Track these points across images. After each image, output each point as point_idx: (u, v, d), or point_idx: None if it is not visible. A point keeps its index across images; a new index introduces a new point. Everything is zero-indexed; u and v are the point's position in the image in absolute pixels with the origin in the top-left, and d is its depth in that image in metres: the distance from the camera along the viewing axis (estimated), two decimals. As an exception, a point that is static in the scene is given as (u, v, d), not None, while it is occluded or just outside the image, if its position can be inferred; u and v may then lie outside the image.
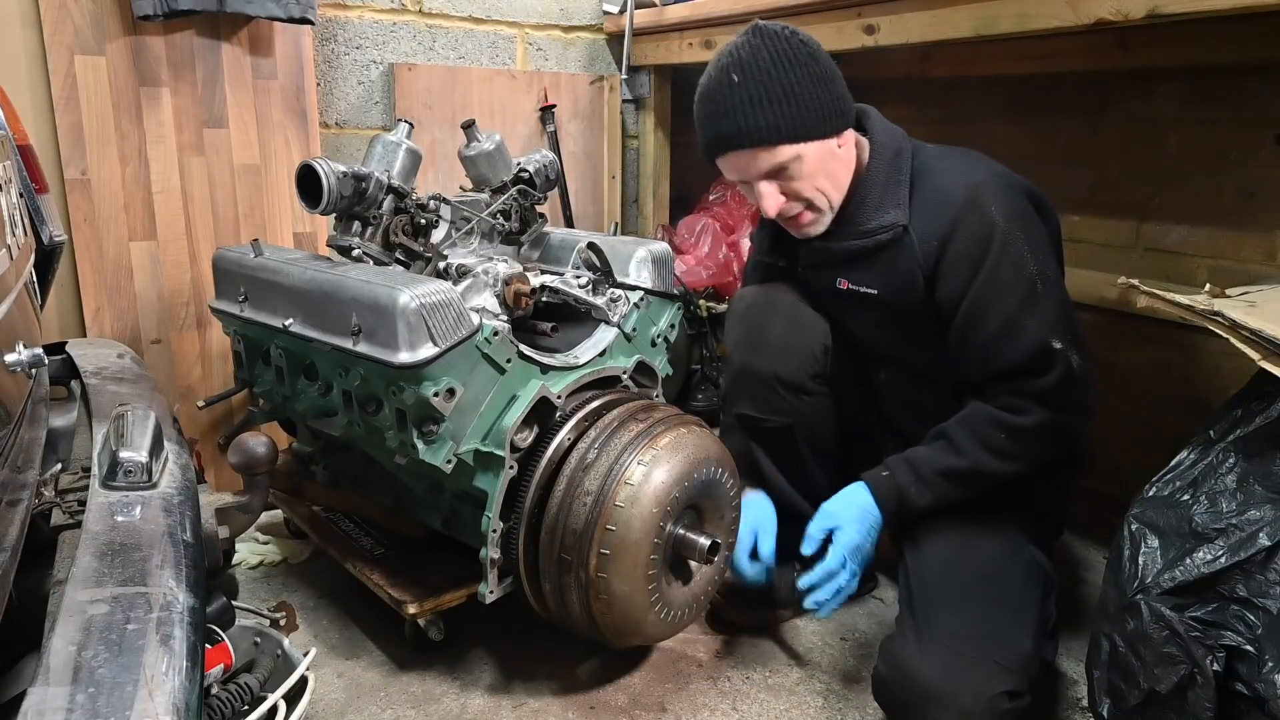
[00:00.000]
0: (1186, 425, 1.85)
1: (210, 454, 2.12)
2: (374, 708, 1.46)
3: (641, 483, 1.34)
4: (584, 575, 1.34)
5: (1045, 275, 1.34)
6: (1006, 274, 1.34)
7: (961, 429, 1.41)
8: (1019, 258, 1.33)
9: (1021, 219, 1.36)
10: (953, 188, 1.38)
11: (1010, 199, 1.37)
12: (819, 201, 1.43)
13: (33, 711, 0.61)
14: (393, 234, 1.55)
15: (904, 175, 1.43)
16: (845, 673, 1.57)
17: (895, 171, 1.43)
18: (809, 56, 1.36)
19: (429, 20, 2.36)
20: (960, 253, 1.36)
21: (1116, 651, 1.11)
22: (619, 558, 1.33)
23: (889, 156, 1.44)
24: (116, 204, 1.95)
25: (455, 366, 1.35)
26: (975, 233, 1.35)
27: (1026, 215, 1.37)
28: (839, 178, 1.43)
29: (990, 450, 1.38)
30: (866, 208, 1.43)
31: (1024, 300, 1.33)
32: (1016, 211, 1.36)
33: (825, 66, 1.38)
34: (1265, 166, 1.77)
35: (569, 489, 1.37)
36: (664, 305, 1.69)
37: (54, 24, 1.84)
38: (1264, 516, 1.02)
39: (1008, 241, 1.33)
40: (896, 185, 1.42)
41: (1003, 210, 1.35)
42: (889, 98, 2.59)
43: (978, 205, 1.35)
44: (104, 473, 0.93)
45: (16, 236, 1.15)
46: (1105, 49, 1.87)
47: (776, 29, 1.37)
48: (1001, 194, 1.37)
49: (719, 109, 1.37)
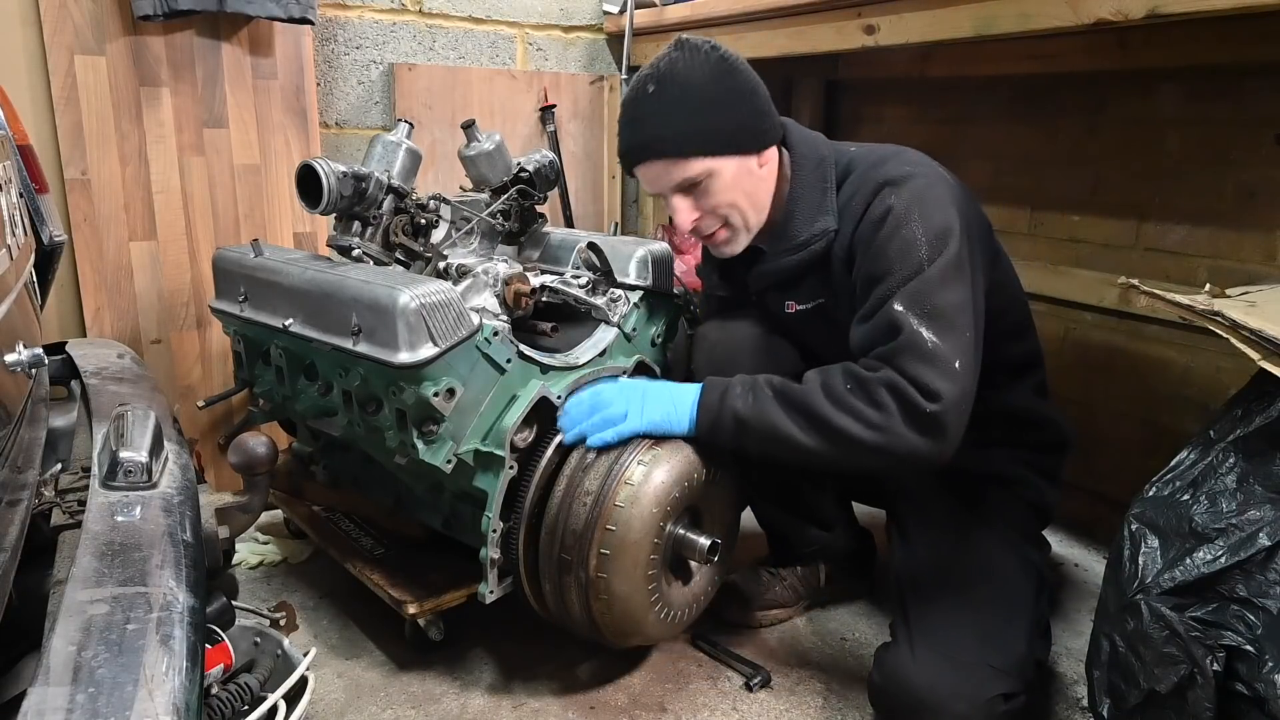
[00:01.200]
0: (1186, 425, 1.87)
1: (210, 454, 2.12)
2: (374, 708, 1.46)
3: (641, 482, 1.34)
4: (584, 575, 1.34)
5: (934, 262, 1.27)
6: (893, 252, 1.29)
7: (816, 370, 1.34)
8: (910, 239, 1.29)
9: (924, 206, 1.31)
10: (867, 186, 1.37)
11: (919, 188, 1.32)
12: (734, 219, 1.41)
13: (33, 711, 0.61)
14: (393, 234, 1.55)
15: (829, 183, 1.42)
16: (845, 673, 1.57)
17: (820, 180, 1.42)
18: (726, 72, 1.35)
19: (429, 20, 2.36)
20: (861, 237, 1.35)
21: (1116, 651, 1.11)
22: (619, 558, 1.33)
23: (812, 167, 1.43)
24: (116, 204, 1.95)
25: (455, 366, 1.35)
26: (875, 218, 1.33)
27: (930, 204, 1.31)
28: (757, 197, 1.41)
29: (827, 390, 1.29)
30: (797, 221, 1.42)
31: (901, 279, 1.28)
32: (922, 198, 1.31)
33: (744, 83, 1.36)
34: (1265, 166, 1.77)
35: (569, 489, 1.37)
36: (664, 305, 1.69)
37: (54, 24, 1.84)
38: (1264, 516, 1.02)
39: (901, 224, 1.30)
40: (823, 193, 1.41)
41: (904, 197, 1.31)
42: (889, 98, 2.61)
43: (881, 194, 1.33)
44: (104, 473, 0.93)
45: (16, 236, 1.15)
46: (1105, 49, 1.87)
47: (699, 43, 1.37)
48: (910, 183, 1.33)
49: (632, 117, 1.38)
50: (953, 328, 1.26)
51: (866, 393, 1.26)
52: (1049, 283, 2.10)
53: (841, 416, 1.26)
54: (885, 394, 1.24)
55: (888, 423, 1.24)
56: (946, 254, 1.28)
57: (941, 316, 1.25)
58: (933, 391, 1.22)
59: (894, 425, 1.23)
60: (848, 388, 1.27)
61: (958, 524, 1.46)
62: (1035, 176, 2.19)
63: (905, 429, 1.23)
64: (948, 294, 1.27)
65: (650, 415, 1.37)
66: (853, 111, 2.73)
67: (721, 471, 1.45)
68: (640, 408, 1.38)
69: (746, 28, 2.15)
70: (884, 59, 2.43)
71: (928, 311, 1.25)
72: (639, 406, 1.38)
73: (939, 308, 1.26)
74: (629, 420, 1.37)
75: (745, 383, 1.36)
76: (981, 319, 1.32)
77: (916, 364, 1.23)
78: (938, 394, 1.22)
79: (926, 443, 1.23)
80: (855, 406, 1.26)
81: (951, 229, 1.29)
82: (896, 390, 1.23)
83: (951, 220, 1.30)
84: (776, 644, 1.66)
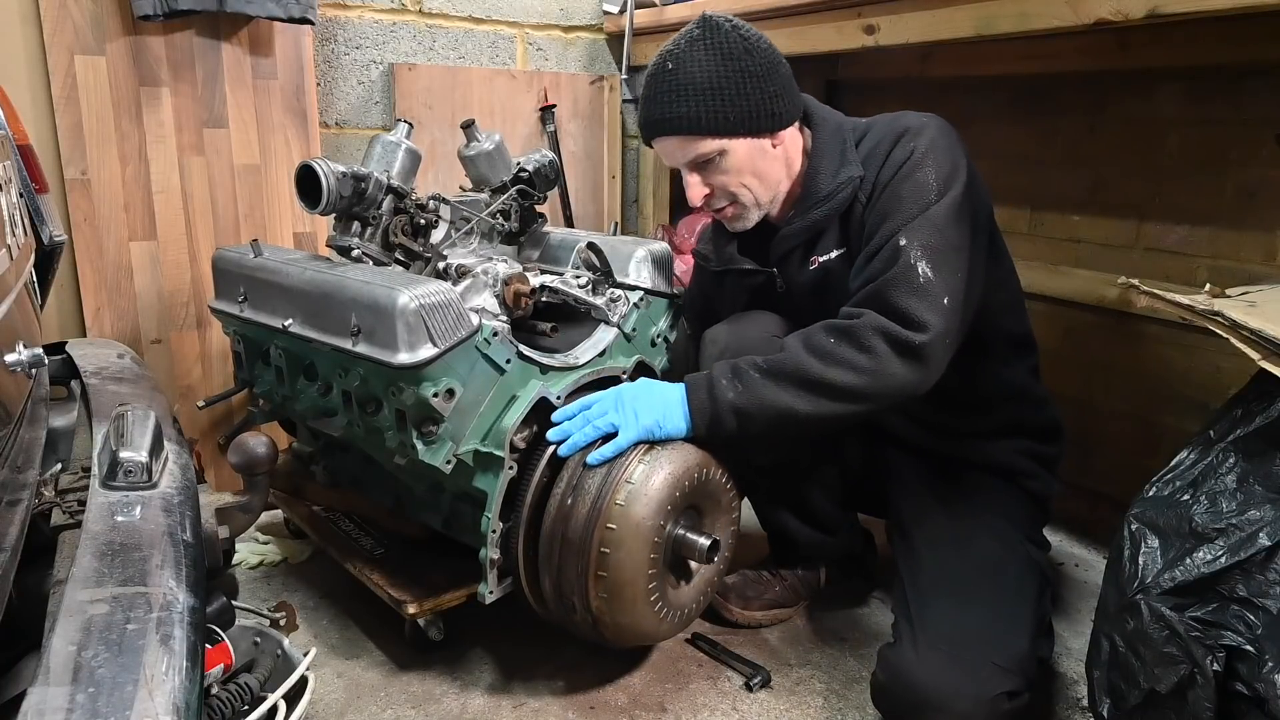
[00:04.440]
0: (1186, 425, 1.86)
1: (210, 454, 2.12)
2: (374, 708, 1.46)
3: (642, 482, 1.34)
4: (584, 564, 1.34)
5: (940, 201, 1.33)
6: (906, 193, 1.34)
7: (794, 334, 1.37)
8: (923, 183, 1.34)
9: (938, 152, 1.36)
10: (888, 134, 1.41)
11: (935, 135, 1.38)
12: (744, 198, 1.45)
13: (33, 711, 0.61)
14: (392, 234, 1.55)
15: (848, 141, 1.45)
16: (845, 673, 1.57)
17: (839, 141, 1.45)
18: (744, 52, 1.36)
19: (429, 20, 2.36)
20: (883, 180, 1.38)
21: (1116, 651, 1.11)
22: (621, 547, 1.33)
23: (831, 130, 1.47)
24: (116, 204, 1.95)
25: (455, 367, 1.35)
26: (896, 160, 1.37)
27: (943, 151, 1.36)
28: (769, 176, 1.44)
29: (811, 349, 1.31)
30: (822, 176, 1.44)
31: (910, 216, 1.33)
32: (936, 145, 1.36)
33: (763, 64, 1.37)
34: (1265, 166, 1.76)
35: (569, 489, 1.37)
36: (664, 305, 1.69)
37: (54, 24, 1.84)
38: (1264, 516, 1.02)
39: (917, 166, 1.35)
40: (842, 149, 1.44)
41: (923, 143, 1.36)
42: (889, 98, 2.60)
43: (903, 139, 1.38)
44: (104, 473, 0.93)
45: (16, 236, 1.15)
46: (1105, 49, 1.87)
47: (720, 21, 1.38)
48: (927, 131, 1.38)
49: (651, 94, 1.41)
50: (947, 265, 1.31)
51: (852, 339, 1.30)
52: (1049, 283, 2.10)
53: (832, 370, 1.30)
54: (872, 336, 1.29)
55: (877, 364, 1.28)
56: (952, 194, 1.33)
57: (938, 253, 1.30)
58: (919, 322, 1.28)
59: (884, 365, 1.28)
60: (832, 341, 1.31)
61: (960, 522, 1.46)
62: (1035, 176, 2.19)
63: (896, 365, 1.28)
64: (949, 233, 1.32)
65: (644, 423, 1.37)
66: (853, 112, 2.67)
67: (721, 470, 1.45)
68: (634, 418, 1.37)
69: (746, 28, 2.15)
70: (884, 59, 2.43)
71: (927, 246, 1.30)
72: (631, 417, 1.37)
73: (937, 245, 1.31)
74: (624, 433, 1.36)
75: (727, 372, 1.37)
76: (979, 269, 1.38)
77: (906, 295, 1.28)
78: (924, 324, 1.27)
79: (912, 371, 1.29)
80: (844, 356, 1.30)
81: (959, 173, 1.36)
82: (882, 330, 1.28)
83: (960, 166, 1.37)
84: (776, 644, 1.66)
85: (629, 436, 1.35)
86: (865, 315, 1.30)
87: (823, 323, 1.35)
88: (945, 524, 1.47)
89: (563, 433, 1.40)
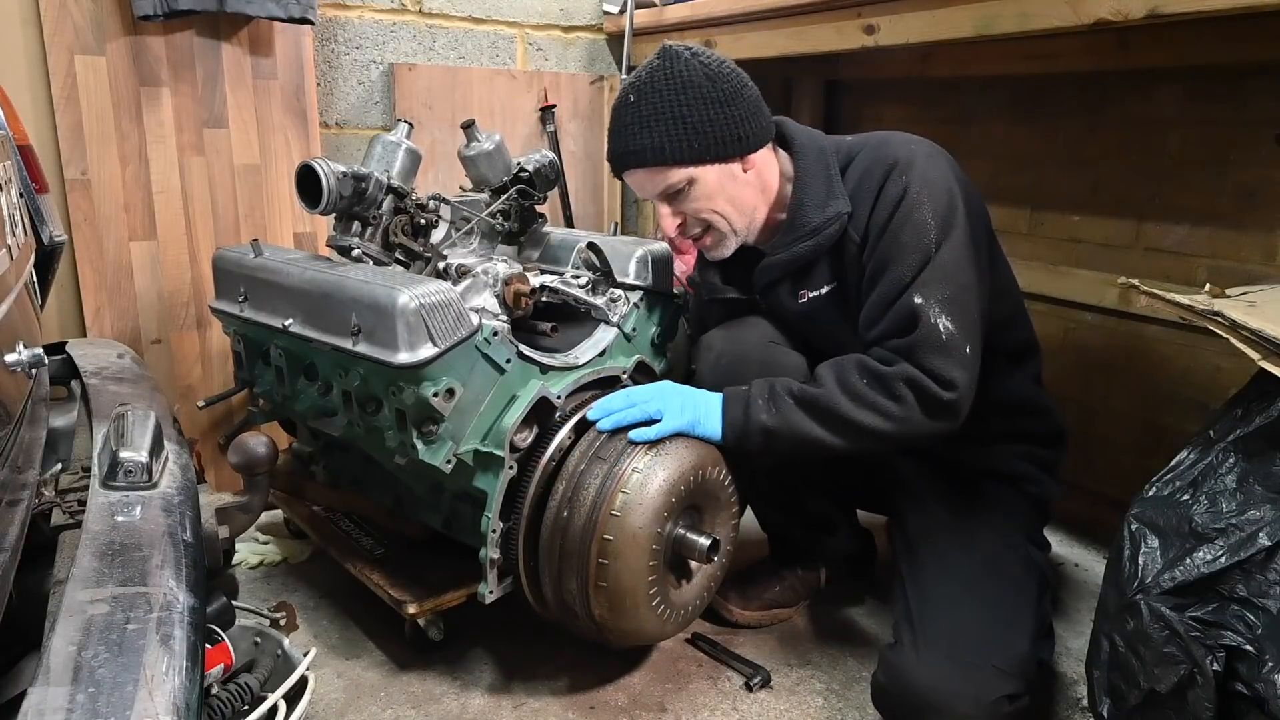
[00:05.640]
0: (1186, 425, 1.86)
1: (210, 454, 2.12)
2: (374, 708, 1.46)
3: (642, 482, 1.33)
4: (584, 575, 1.34)
5: (942, 245, 1.32)
6: (906, 238, 1.33)
7: (828, 366, 1.38)
8: (921, 224, 1.33)
9: (932, 188, 1.34)
10: (876, 168, 1.39)
11: (925, 168, 1.36)
12: (719, 225, 1.45)
13: (33, 711, 0.61)
14: (392, 234, 1.55)
15: (833, 169, 1.44)
16: (845, 673, 1.57)
17: (824, 168, 1.44)
18: (705, 79, 1.36)
19: (429, 20, 2.36)
20: (877, 221, 1.37)
21: (1116, 651, 1.11)
22: (619, 557, 1.33)
23: (814, 156, 1.45)
24: (116, 204, 1.95)
25: (455, 367, 1.35)
26: (889, 199, 1.36)
27: (937, 185, 1.35)
28: (743, 202, 1.44)
29: (845, 389, 1.33)
30: (808, 208, 1.43)
31: (915, 266, 1.32)
32: (929, 180, 1.35)
33: (725, 90, 1.37)
34: (1265, 166, 1.76)
35: (569, 489, 1.37)
36: (664, 305, 1.69)
37: (54, 24, 1.84)
38: (1264, 516, 1.02)
39: (914, 207, 1.34)
40: (828, 180, 1.43)
41: (915, 179, 1.35)
42: (889, 98, 2.61)
43: (893, 176, 1.36)
44: (104, 473, 0.93)
45: (16, 236, 1.15)
46: (1105, 49, 1.87)
47: (679, 50, 1.39)
48: (917, 164, 1.36)
49: (616, 127, 1.42)
50: (964, 312, 1.32)
51: (885, 387, 1.32)
52: (1049, 283, 2.10)
53: (863, 413, 1.32)
54: (904, 388, 1.30)
55: (907, 414, 1.31)
56: (955, 235, 1.33)
57: (955, 302, 1.31)
58: (949, 381, 1.30)
59: (913, 415, 1.31)
60: (865, 383, 1.33)
61: (961, 523, 1.46)
62: (1035, 176, 2.19)
63: (923, 417, 1.31)
64: (960, 277, 1.33)
65: (687, 417, 1.40)
66: (853, 111, 2.73)
67: (722, 471, 1.45)
68: (679, 410, 1.40)
69: (746, 28, 2.15)
70: (884, 59, 2.43)
71: (944, 299, 1.31)
72: (677, 408, 1.40)
73: (952, 295, 1.31)
74: (667, 420, 1.39)
75: (764, 392, 1.39)
76: (986, 290, 1.38)
77: (934, 356, 1.30)
78: (954, 383, 1.30)
79: (940, 424, 1.33)
80: (876, 402, 1.32)
81: (955, 206, 1.35)
82: (914, 384, 1.30)
83: (955, 196, 1.35)
84: (776, 644, 1.66)
85: (673, 424, 1.38)
86: (899, 365, 1.31)
87: (858, 360, 1.36)
88: (946, 524, 1.47)
89: (605, 410, 1.41)
